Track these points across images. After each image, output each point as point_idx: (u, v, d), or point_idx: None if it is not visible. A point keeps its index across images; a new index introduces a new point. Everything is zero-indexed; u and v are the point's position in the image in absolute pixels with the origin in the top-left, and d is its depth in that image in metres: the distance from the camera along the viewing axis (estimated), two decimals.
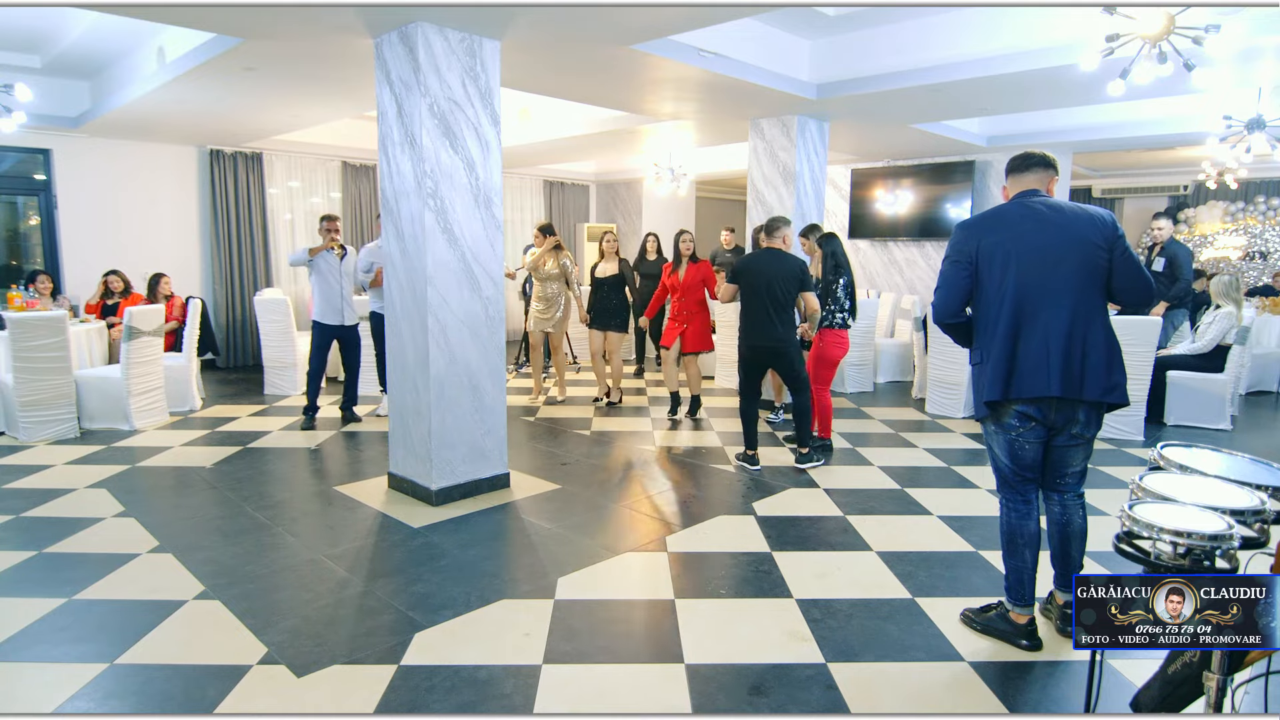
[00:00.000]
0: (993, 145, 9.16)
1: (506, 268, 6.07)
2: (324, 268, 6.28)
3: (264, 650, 2.85)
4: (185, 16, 4.47)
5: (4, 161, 8.46)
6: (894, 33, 5.89)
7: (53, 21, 6.53)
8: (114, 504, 4.48)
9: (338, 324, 6.34)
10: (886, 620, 3.11)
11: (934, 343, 6.97)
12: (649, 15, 4.27)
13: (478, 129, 4.47)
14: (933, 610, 3.19)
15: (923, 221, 10.38)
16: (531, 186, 12.71)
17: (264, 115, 7.46)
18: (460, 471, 4.59)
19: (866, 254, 11.30)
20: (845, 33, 6.07)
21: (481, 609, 3.19)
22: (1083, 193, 13.51)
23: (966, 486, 4.93)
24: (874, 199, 10.82)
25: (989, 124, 8.98)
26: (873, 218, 10.89)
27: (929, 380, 7.12)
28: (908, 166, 10.44)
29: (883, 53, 5.97)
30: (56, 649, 2.87)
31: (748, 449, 5.27)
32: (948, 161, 10.05)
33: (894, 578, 3.52)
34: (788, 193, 7.09)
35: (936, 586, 3.44)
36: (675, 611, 3.18)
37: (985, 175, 9.91)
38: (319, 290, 6.29)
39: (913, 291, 10.56)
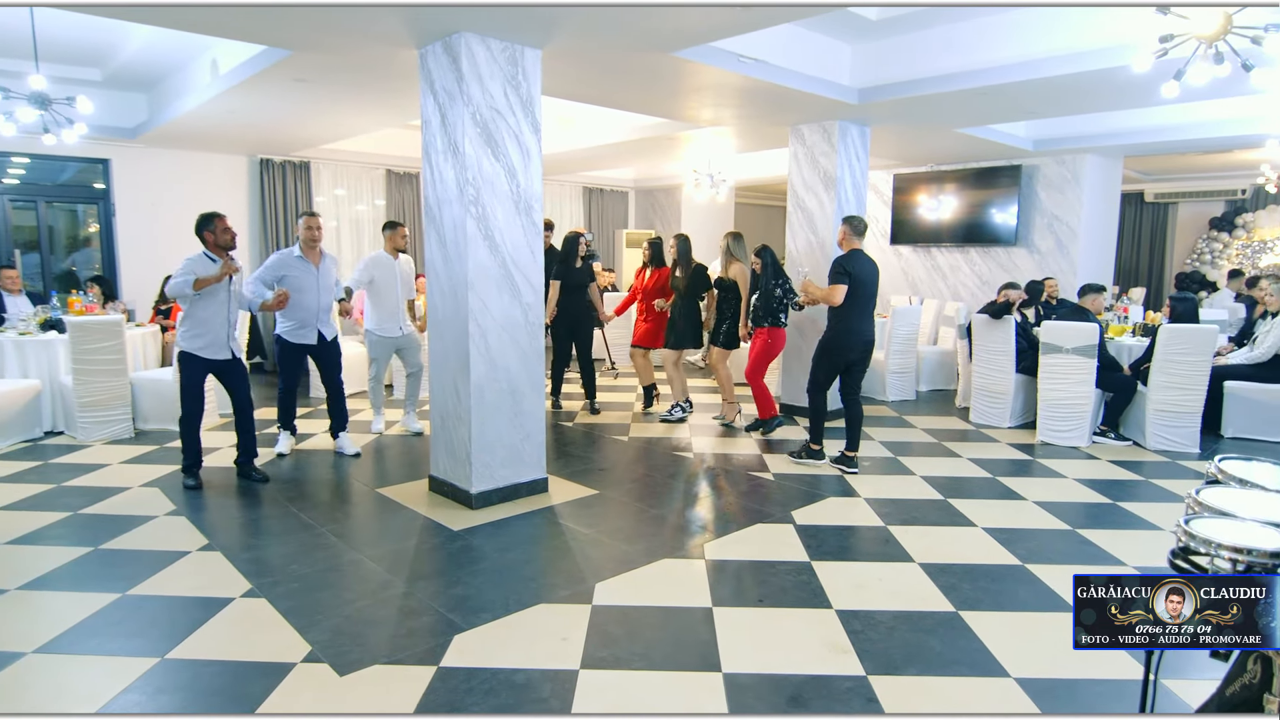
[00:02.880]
0: (1040, 149, 8.97)
1: None
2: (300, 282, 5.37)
3: (307, 649, 2.90)
4: (212, 25, 4.60)
5: (66, 171, 8.80)
6: (938, 35, 5.81)
7: (113, 36, 6.78)
8: (166, 503, 4.61)
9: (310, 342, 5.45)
10: (929, 634, 3.06)
11: (979, 350, 6.84)
12: (689, 22, 4.28)
13: (519, 137, 4.52)
14: (978, 625, 3.13)
15: (967, 227, 10.21)
16: (571, 193, 12.81)
17: (312, 125, 7.64)
18: (499, 476, 4.63)
19: (909, 260, 11.15)
20: (888, 36, 6.01)
21: (520, 612, 3.21)
22: (1135, 198, 13.15)
23: (1013, 498, 4.82)
24: (916, 204, 10.67)
25: (1036, 127, 8.80)
26: (915, 223, 10.74)
27: (973, 389, 6.98)
28: (951, 171, 10.27)
29: (926, 56, 5.89)
30: (111, 642, 2.96)
31: (813, 443, 5.52)
32: (993, 166, 9.87)
33: (937, 590, 3.46)
34: (829, 198, 7.03)
35: (981, 600, 3.36)
36: (713, 619, 3.16)
37: (1032, 180, 9.71)
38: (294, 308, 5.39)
39: (956, 298, 10.37)
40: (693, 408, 7.08)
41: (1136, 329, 7.16)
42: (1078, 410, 6.07)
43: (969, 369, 7.26)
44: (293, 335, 5.45)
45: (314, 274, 5.40)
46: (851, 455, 5.36)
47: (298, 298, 5.32)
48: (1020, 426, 6.70)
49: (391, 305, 6.15)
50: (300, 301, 5.35)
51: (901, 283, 11.23)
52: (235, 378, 4.96)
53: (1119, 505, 4.71)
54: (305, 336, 5.46)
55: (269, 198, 9.50)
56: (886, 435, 6.43)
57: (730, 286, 6.53)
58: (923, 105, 6.40)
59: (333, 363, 5.66)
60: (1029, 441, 6.23)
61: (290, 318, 5.42)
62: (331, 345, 5.61)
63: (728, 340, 6.60)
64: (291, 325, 5.44)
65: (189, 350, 4.76)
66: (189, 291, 4.58)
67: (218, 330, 4.78)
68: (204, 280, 4.59)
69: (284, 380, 5.62)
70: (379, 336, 6.17)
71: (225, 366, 4.89)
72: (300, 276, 5.33)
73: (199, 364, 4.80)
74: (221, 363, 4.86)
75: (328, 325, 5.55)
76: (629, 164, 11.70)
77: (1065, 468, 5.51)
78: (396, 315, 6.17)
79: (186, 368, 4.78)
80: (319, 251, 5.45)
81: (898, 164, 10.63)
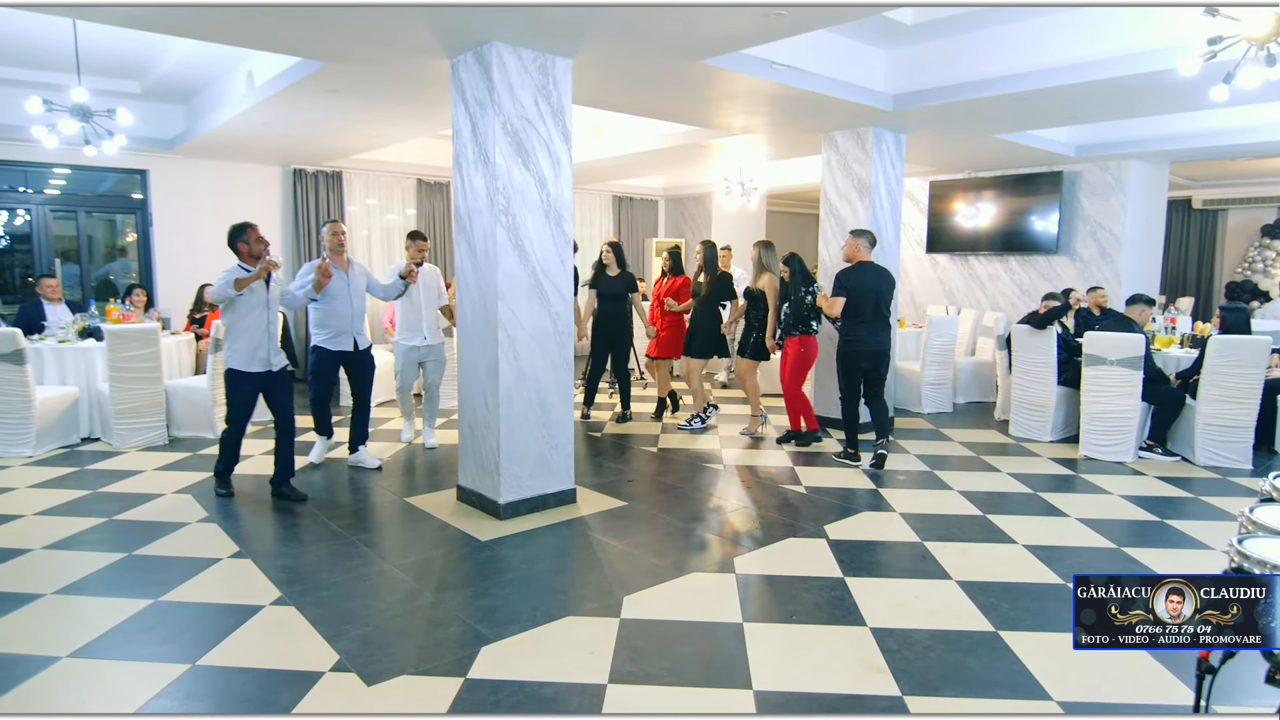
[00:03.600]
0: (1083, 155, 8.83)
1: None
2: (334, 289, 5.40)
3: (336, 657, 2.93)
4: (247, 36, 4.71)
5: (105, 182, 9.05)
6: (975, 40, 5.76)
7: (152, 49, 6.98)
8: (198, 509, 4.70)
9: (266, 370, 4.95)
10: (967, 654, 3.00)
11: (1019, 362, 6.73)
12: (721, 29, 4.29)
13: (549, 146, 4.56)
14: (1018, 645, 3.06)
15: (1006, 235, 10.06)
16: (600, 202, 12.87)
17: (344, 135, 7.78)
18: (527, 486, 4.65)
19: (946, 269, 11.02)
20: (924, 41, 5.96)
21: (547, 625, 3.22)
22: (1182, 204, 12.87)
23: (1055, 514, 4.73)
24: (953, 212, 10.55)
25: (1078, 133, 8.66)
26: (952, 231, 10.61)
27: (1013, 401, 6.87)
28: (990, 178, 10.14)
29: (963, 61, 5.84)
30: (143, 648, 3.02)
31: (851, 447, 5.83)
32: (1033, 172, 9.73)
33: (975, 609, 3.39)
34: (862, 206, 6.99)
35: (1022, 620, 3.29)
36: (743, 635, 3.14)
37: (1075, 186, 9.55)
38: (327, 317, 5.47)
39: (995, 308, 10.23)
40: (717, 409, 7.08)
41: (1185, 340, 7.00)
42: (1123, 424, 5.94)
43: (1008, 381, 7.15)
44: (331, 343, 5.47)
45: (345, 280, 5.43)
46: (882, 441, 5.76)
47: (332, 304, 5.38)
48: (1062, 440, 6.57)
49: (415, 314, 6.21)
50: (335, 309, 5.40)
51: (938, 292, 11.10)
52: (279, 392, 4.94)
53: (1167, 523, 4.59)
54: (342, 344, 5.48)
55: (301, 207, 9.69)
56: (923, 448, 6.34)
57: (759, 297, 6.52)
58: (960, 111, 6.34)
59: (365, 374, 5.65)
60: (1071, 456, 6.11)
61: (326, 326, 5.46)
62: (365, 354, 5.61)
63: (756, 351, 6.59)
64: (328, 334, 5.47)
65: (237, 368, 4.74)
66: (231, 292, 4.59)
67: (259, 339, 4.76)
68: (244, 280, 4.60)
69: (315, 389, 5.65)
70: (404, 346, 6.24)
71: (269, 380, 4.87)
72: (333, 283, 5.35)
73: (248, 381, 4.78)
74: (266, 376, 4.84)
75: (361, 334, 5.57)
76: (659, 172, 11.73)
77: (1110, 483, 5.39)
78: (421, 325, 6.21)
79: (236, 387, 4.78)
80: (346, 258, 5.49)
81: (934, 170, 10.52)
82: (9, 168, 8.34)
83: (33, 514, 4.59)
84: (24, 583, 3.61)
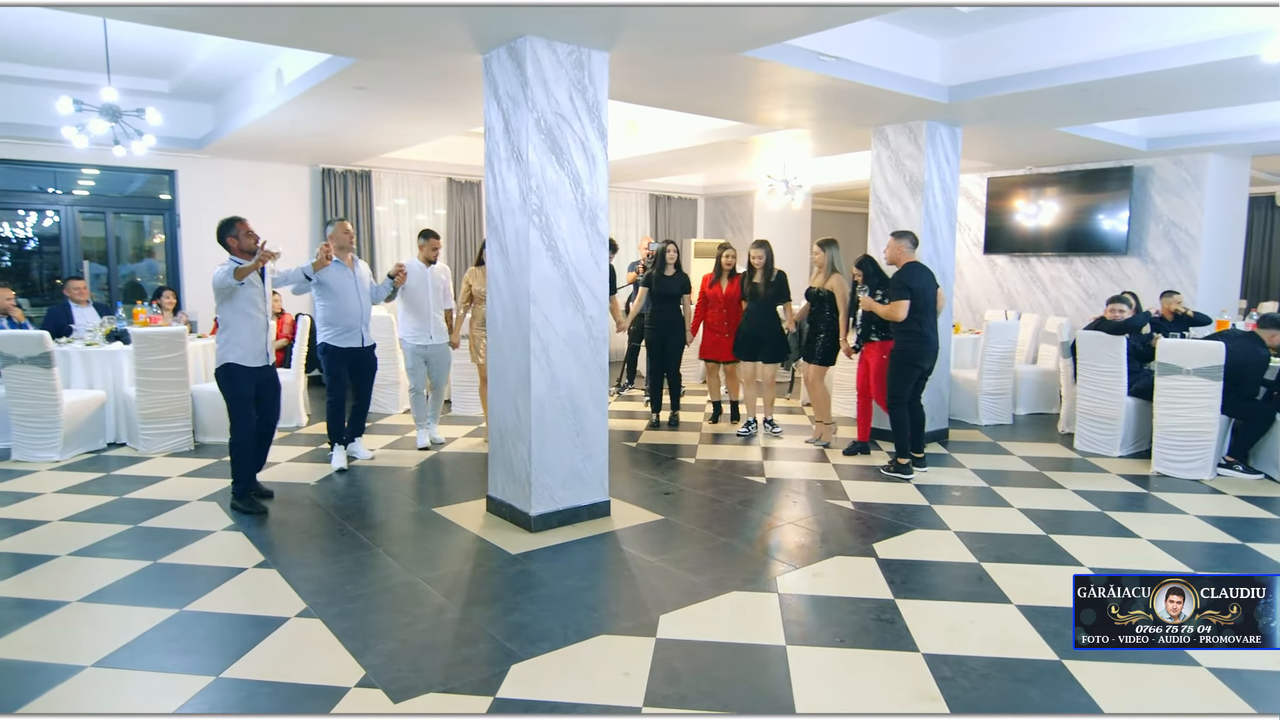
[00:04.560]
0: (1155, 149, 8.62)
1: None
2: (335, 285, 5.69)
3: (361, 673, 2.97)
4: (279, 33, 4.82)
5: (134, 182, 9.34)
6: (1037, 27, 5.66)
7: (181, 48, 7.19)
8: (224, 518, 4.81)
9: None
10: (1029, 684, 2.93)
11: (1085, 370, 6.58)
12: (764, 20, 4.28)
13: (584, 143, 4.59)
14: (1085, 675, 2.98)
15: (1070, 235, 9.87)
16: (637, 201, 12.92)
17: (374, 133, 7.92)
18: (559, 498, 4.67)
19: (1005, 271, 10.84)
20: (981, 29, 5.88)
21: (579, 643, 3.22)
22: (1264, 201, 12.49)
23: (1124, 535, 4.60)
24: (1013, 210, 10.38)
25: (1149, 125, 8.46)
26: (1012, 231, 10.44)
27: (1078, 413, 6.72)
28: (1053, 174, 9.96)
29: (1024, 50, 5.74)
30: (167, 659, 3.10)
31: (901, 458, 5.76)
32: (1100, 168, 9.53)
33: (1037, 636, 3.32)
34: (914, 204, 6.91)
35: (1090, 649, 3.21)
36: (786, 659, 3.11)
37: (1145, 182, 9.33)
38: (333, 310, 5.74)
39: (1059, 313, 10.02)
40: (774, 427, 7.07)
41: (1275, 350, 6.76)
42: (1200, 439, 5.77)
43: (1073, 391, 6.99)
44: (338, 340, 5.74)
45: (351, 276, 5.76)
46: (920, 456, 5.83)
47: (340, 301, 5.70)
48: (1132, 456, 6.40)
49: (424, 313, 6.46)
50: (344, 306, 5.72)
51: (997, 295, 10.92)
52: (271, 390, 5.10)
53: (1249, 546, 4.44)
54: (350, 340, 5.78)
55: (330, 208, 9.88)
56: (980, 463, 6.23)
57: (826, 298, 6.48)
58: (1021, 103, 6.24)
59: (368, 371, 5.97)
60: (1143, 472, 5.95)
61: (334, 323, 5.73)
62: (369, 352, 5.93)
63: (825, 356, 6.57)
64: (336, 330, 5.75)
65: (237, 362, 4.84)
66: (232, 282, 4.72)
67: (256, 333, 4.90)
68: (244, 269, 4.74)
69: (333, 392, 5.85)
70: (411, 345, 6.50)
71: (262, 377, 4.99)
72: (340, 279, 5.69)
73: (246, 376, 4.89)
74: (260, 372, 4.95)
75: (368, 330, 5.90)
76: (698, 170, 11.73)
77: (1185, 503, 5.24)
78: (428, 324, 6.47)
79: (236, 382, 4.86)
80: (351, 257, 5.81)
81: (992, 167, 10.37)
82: (39, 168, 8.65)
83: (58, 520, 4.74)
84: (49, 590, 3.72)
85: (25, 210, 8.85)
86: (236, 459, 4.94)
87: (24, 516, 4.80)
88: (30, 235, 9.00)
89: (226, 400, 4.95)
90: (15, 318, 7.27)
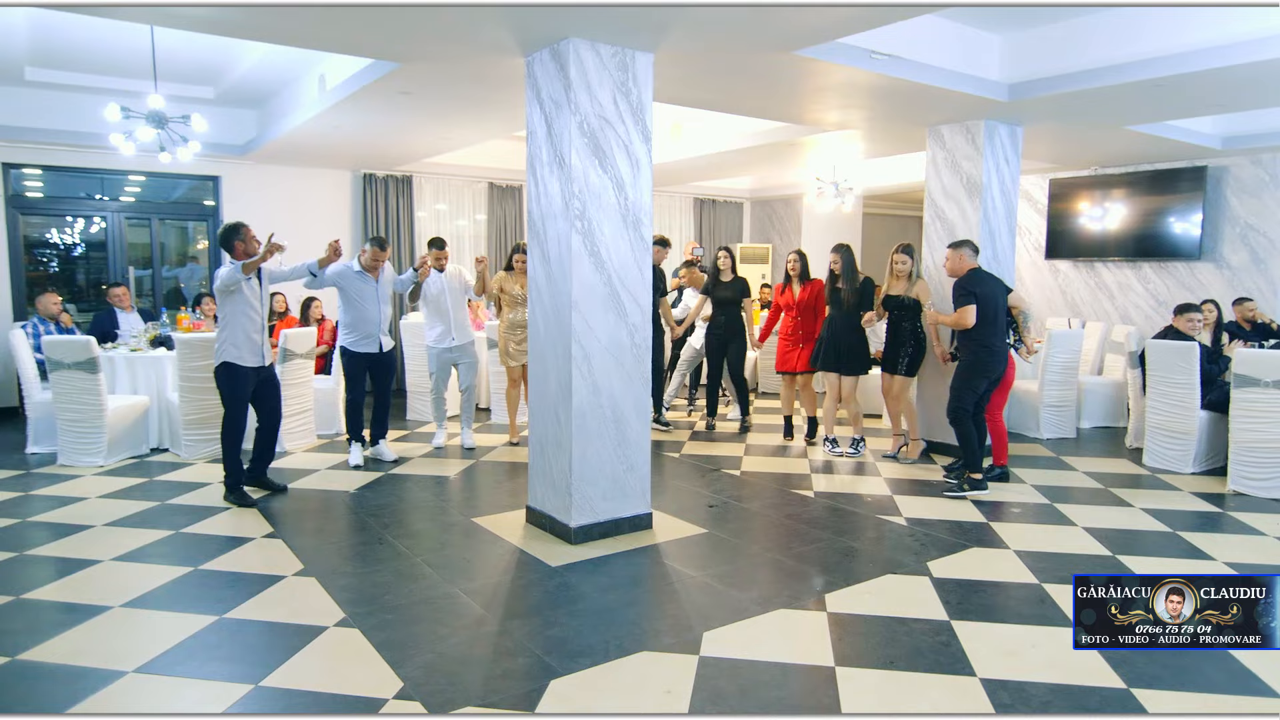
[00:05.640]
0: (1231, 148, 8.37)
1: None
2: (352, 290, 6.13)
3: (400, 684, 3.01)
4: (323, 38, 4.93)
5: (178, 188, 9.64)
6: (1104, 21, 5.54)
7: (226, 55, 7.41)
8: (263, 525, 4.92)
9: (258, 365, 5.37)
10: (1095, 714, 2.85)
11: (1155, 382, 6.40)
12: (816, 17, 4.26)
13: (628, 146, 4.62)
14: (1155, 705, 2.89)
15: (1138, 239, 9.62)
16: (681, 205, 12.93)
17: (415, 138, 8.07)
18: (600, 509, 4.69)
19: (1068, 276, 10.60)
20: (1044, 24, 5.78)
21: (621, 659, 3.22)
22: None
23: (1198, 557, 4.46)
24: (1077, 213, 10.16)
25: (1225, 122, 8.22)
26: (1075, 235, 10.22)
27: (1148, 427, 6.53)
28: (1120, 175, 9.73)
29: (1090, 44, 5.63)
30: (207, 666, 3.18)
31: (973, 472, 5.66)
32: (1171, 168, 9.28)
33: (1104, 662, 3.22)
34: (972, 207, 6.80)
35: (1159, 677, 3.11)
36: (835, 681, 3.07)
37: (1220, 183, 9.06)
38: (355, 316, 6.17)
39: (1126, 321, 9.77)
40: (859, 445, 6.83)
41: None
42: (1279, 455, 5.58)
43: (1142, 403, 6.80)
44: (356, 345, 6.16)
45: (373, 285, 6.14)
46: (979, 477, 5.68)
47: (359, 310, 6.11)
48: (1206, 472, 6.21)
49: (444, 318, 6.71)
50: (362, 314, 6.12)
51: (1059, 302, 10.69)
52: (269, 389, 5.44)
53: None
54: (368, 346, 6.17)
55: (371, 212, 10.08)
56: (1041, 478, 6.10)
57: (910, 306, 6.42)
58: (1087, 101, 6.11)
59: (387, 373, 6.34)
60: (1217, 491, 5.76)
61: (354, 330, 6.15)
62: (388, 356, 6.28)
63: (910, 367, 6.53)
64: (355, 336, 6.15)
65: (234, 363, 5.18)
66: (240, 276, 5.05)
67: (253, 334, 5.23)
68: (252, 263, 5.04)
69: (350, 392, 6.33)
70: (435, 349, 6.76)
71: (260, 376, 5.33)
72: (360, 288, 6.09)
73: (244, 376, 5.23)
74: (258, 371, 5.29)
75: (386, 336, 6.25)
76: (745, 173, 11.71)
77: (1264, 523, 5.05)
78: (450, 327, 6.73)
79: (229, 381, 5.21)
80: (378, 270, 6.18)
81: (1054, 167, 10.16)
82: (87, 175, 8.98)
83: (102, 525, 4.90)
84: (93, 594, 3.85)
85: (73, 216, 9.20)
86: (227, 453, 5.28)
87: (69, 521, 4.97)
88: (78, 241, 9.34)
89: (223, 398, 5.28)
90: (63, 323, 7.55)
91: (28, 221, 8.84)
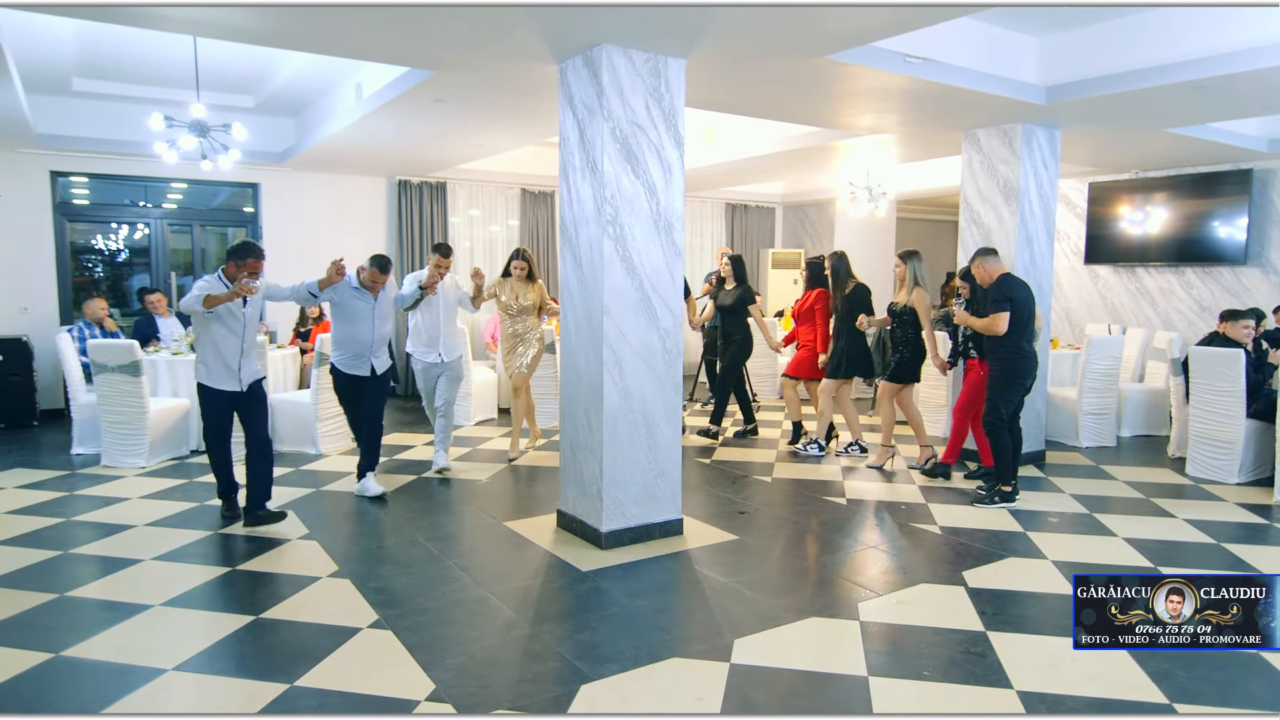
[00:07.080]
0: (1277, 150, 8.16)
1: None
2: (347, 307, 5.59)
3: (431, 686, 3.03)
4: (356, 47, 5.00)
5: (219, 195, 9.84)
6: (1144, 21, 5.44)
7: (266, 64, 7.55)
8: (299, 526, 4.99)
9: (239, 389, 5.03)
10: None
11: (1198, 390, 6.25)
12: (848, 21, 4.23)
13: (660, 152, 4.62)
14: None
15: (1180, 243, 9.41)
16: (712, 210, 12.91)
17: (450, 145, 8.15)
18: (631, 514, 4.68)
19: (1108, 282, 10.41)
20: (1083, 25, 5.69)
21: (651, 665, 3.22)
22: None
23: (1243, 569, 4.34)
24: (1117, 217, 9.96)
25: (1271, 124, 8.02)
26: (1116, 239, 10.02)
27: (1190, 435, 6.38)
28: (1161, 178, 9.53)
29: (1130, 45, 5.52)
30: (243, 665, 3.23)
31: (1004, 484, 5.52)
32: (1214, 171, 9.07)
33: (1145, 676, 3.15)
34: (1009, 212, 6.70)
35: (1202, 692, 3.03)
36: (868, 691, 3.03)
37: (1268, 186, 8.84)
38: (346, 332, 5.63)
39: (1169, 327, 9.56)
40: (865, 451, 6.90)
41: None
42: None
43: (1185, 412, 6.65)
44: (346, 365, 5.61)
45: (370, 304, 5.57)
46: (1008, 489, 5.55)
47: (350, 328, 5.54)
48: (1252, 483, 6.05)
49: (434, 330, 6.22)
50: (354, 333, 5.55)
51: (1099, 308, 10.49)
52: (252, 411, 5.02)
53: None
54: (358, 368, 5.60)
55: (406, 219, 10.20)
56: (1080, 488, 5.98)
57: (904, 314, 6.37)
58: (1126, 103, 6.00)
59: (378, 398, 5.74)
60: (1264, 502, 5.61)
61: (342, 348, 5.60)
62: (380, 380, 5.70)
63: (901, 373, 6.44)
64: (344, 355, 5.60)
65: (204, 383, 4.87)
66: (198, 308, 4.69)
67: (228, 357, 4.86)
68: (215, 298, 4.69)
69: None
70: (421, 364, 6.31)
71: (240, 399, 4.96)
72: (355, 304, 5.54)
73: (215, 397, 4.89)
74: (236, 394, 4.93)
75: (381, 358, 5.69)
76: (777, 177, 11.66)
77: None
78: (437, 342, 6.23)
79: (206, 404, 4.92)
80: (379, 288, 5.62)
81: (1094, 171, 9.99)
82: (131, 183, 9.20)
83: (143, 525, 5.00)
84: (135, 593, 3.93)
85: (118, 223, 9.43)
86: (213, 468, 5.08)
87: (112, 520, 5.08)
88: (122, 247, 9.57)
89: (203, 419, 5.03)
90: (108, 327, 7.74)
91: (74, 228, 9.08)
